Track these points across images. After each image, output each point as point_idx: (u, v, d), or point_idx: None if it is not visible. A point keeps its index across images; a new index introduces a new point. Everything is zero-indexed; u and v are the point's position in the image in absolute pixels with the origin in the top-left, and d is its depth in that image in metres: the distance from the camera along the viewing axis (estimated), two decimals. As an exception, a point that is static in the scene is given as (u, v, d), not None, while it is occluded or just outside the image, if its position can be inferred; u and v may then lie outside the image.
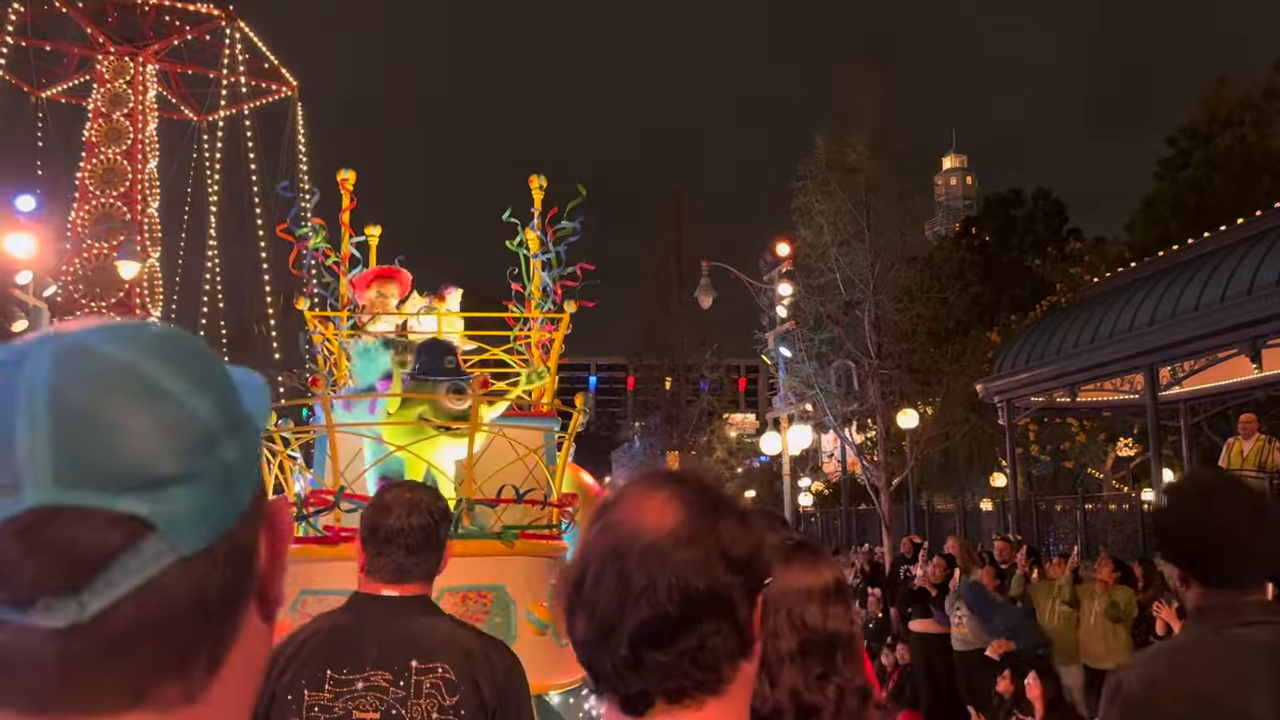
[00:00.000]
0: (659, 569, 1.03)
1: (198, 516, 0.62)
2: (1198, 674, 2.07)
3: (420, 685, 2.30)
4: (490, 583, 5.36)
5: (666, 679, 1.04)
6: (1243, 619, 2.08)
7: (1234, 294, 11.35)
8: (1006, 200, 37.59)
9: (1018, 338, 16.86)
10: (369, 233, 6.93)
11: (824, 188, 16.13)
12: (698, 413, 31.26)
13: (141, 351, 0.63)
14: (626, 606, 1.02)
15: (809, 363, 16.63)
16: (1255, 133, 25.01)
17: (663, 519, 1.06)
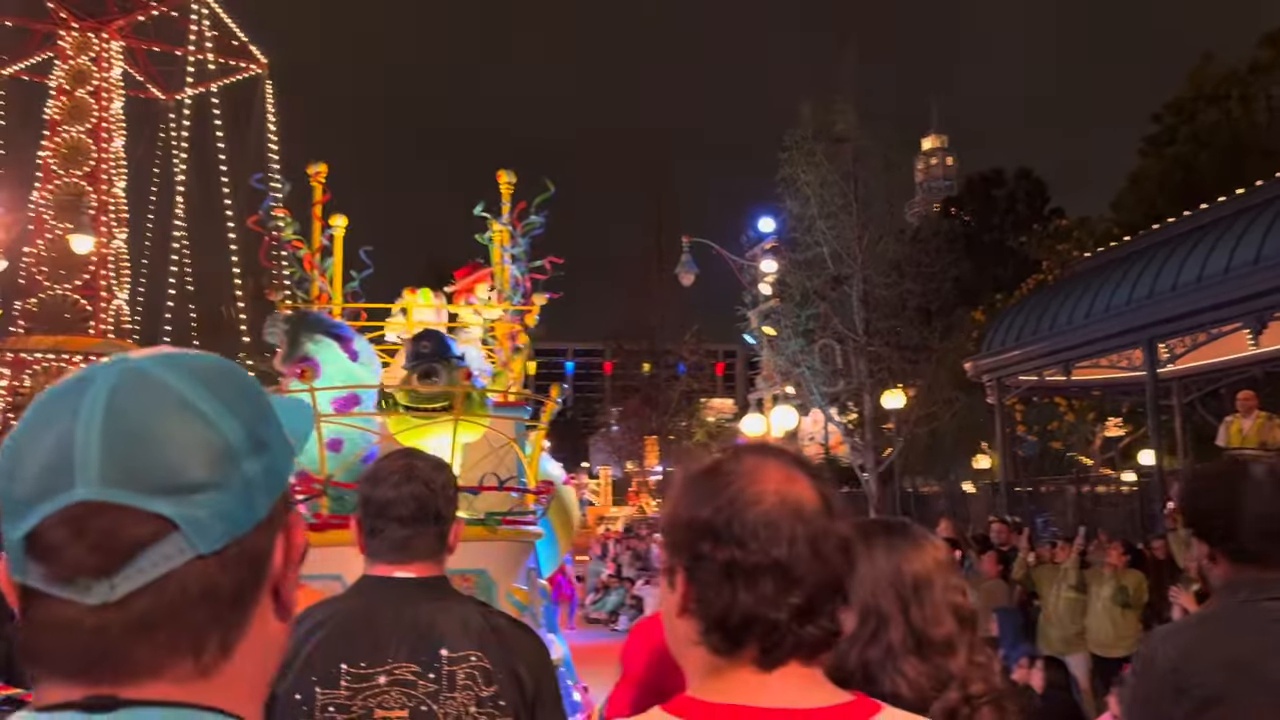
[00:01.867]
0: (835, 536, 1.12)
1: (215, 521, 0.73)
2: (1231, 643, 2.14)
3: (454, 676, 2.07)
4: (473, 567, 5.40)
5: (821, 634, 1.12)
6: (1270, 593, 2.17)
7: (1239, 265, 10.93)
8: (988, 180, 37.29)
9: (1007, 315, 16.41)
10: (334, 223, 6.91)
11: (810, 158, 15.58)
12: (676, 395, 30.73)
13: (188, 378, 0.76)
14: (813, 566, 1.10)
15: (795, 339, 16.10)
16: (1241, 108, 24.66)
17: (811, 493, 1.14)
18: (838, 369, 16.29)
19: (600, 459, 55.40)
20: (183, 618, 0.71)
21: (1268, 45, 25.30)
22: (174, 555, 0.71)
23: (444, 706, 2.06)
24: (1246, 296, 10.73)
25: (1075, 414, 21.28)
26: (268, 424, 0.79)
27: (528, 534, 6.32)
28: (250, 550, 0.75)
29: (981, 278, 28.77)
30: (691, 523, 1.15)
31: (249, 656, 0.76)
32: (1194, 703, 2.11)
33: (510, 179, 7.10)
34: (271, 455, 0.78)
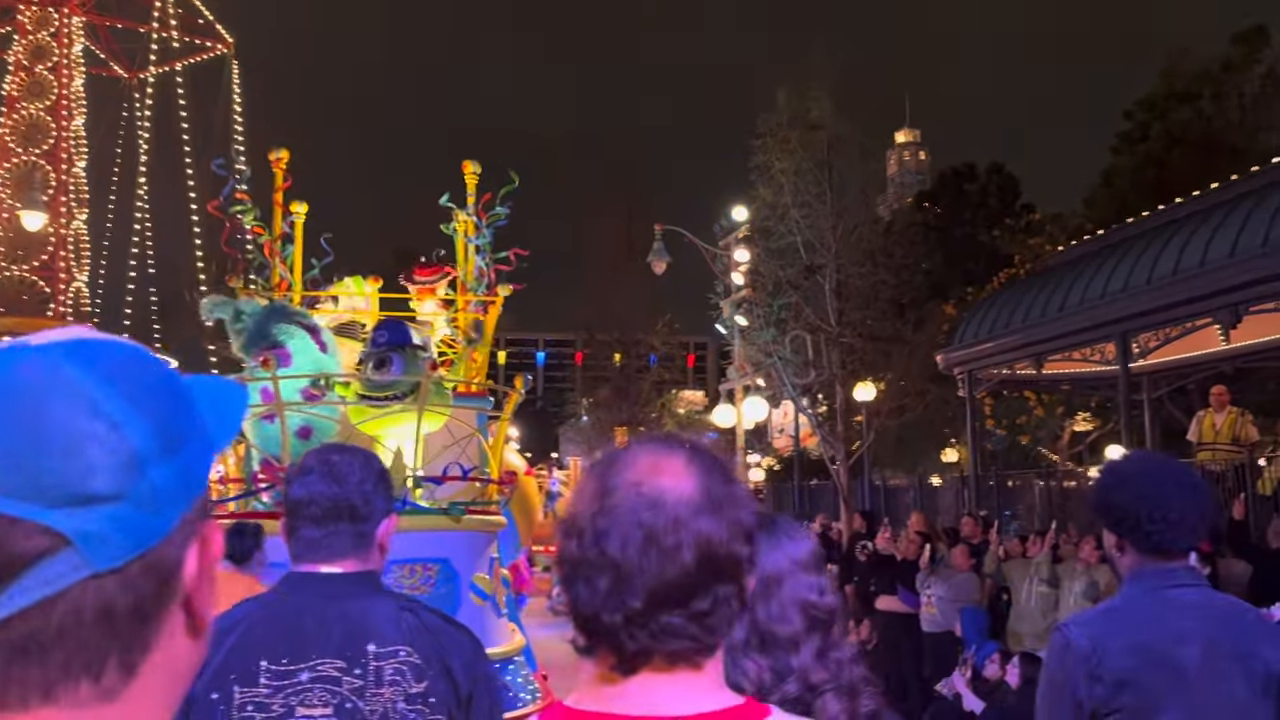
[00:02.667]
0: (686, 531, 1.04)
1: (116, 536, 0.66)
2: (1139, 631, 2.31)
3: (381, 672, 2.00)
4: (436, 556, 5.70)
5: (673, 639, 1.06)
6: (1173, 582, 2.35)
7: (1215, 258, 10.81)
8: (960, 174, 37.29)
9: (980, 307, 16.30)
10: (295, 210, 6.87)
11: (784, 145, 15.37)
12: (647, 386, 30.51)
13: (92, 371, 0.68)
14: (649, 565, 1.04)
15: (767, 329, 15.90)
16: (1214, 106, 24.74)
17: (685, 483, 1.07)
18: (809, 360, 16.11)
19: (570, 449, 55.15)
20: (73, 639, 0.66)
21: (1240, 43, 25.40)
22: (66, 574, 0.64)
23: (370, 703, 1.99)
24: (1222, 290, 10.62)
25: (1044, 408, 21.27)
26: (184, 423, 0.72)
27: (491, 524, 6.59)
28: (157, 564, 0.69)
29: (952, 272, 28.74)
30: (562, 519, 1.13)
31: (156, 675, 0.71)
32: (1106, 687, 2.27)
33: (475, 170, 7.05)
34: (186, 458, 0.71)
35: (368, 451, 2.33)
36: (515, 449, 8.18)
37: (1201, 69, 25.60)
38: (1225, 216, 11.13)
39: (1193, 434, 12.42)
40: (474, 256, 6.93)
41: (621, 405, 30.33)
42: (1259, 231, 10.31)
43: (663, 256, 18.23)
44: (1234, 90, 24.94)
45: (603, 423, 33.42)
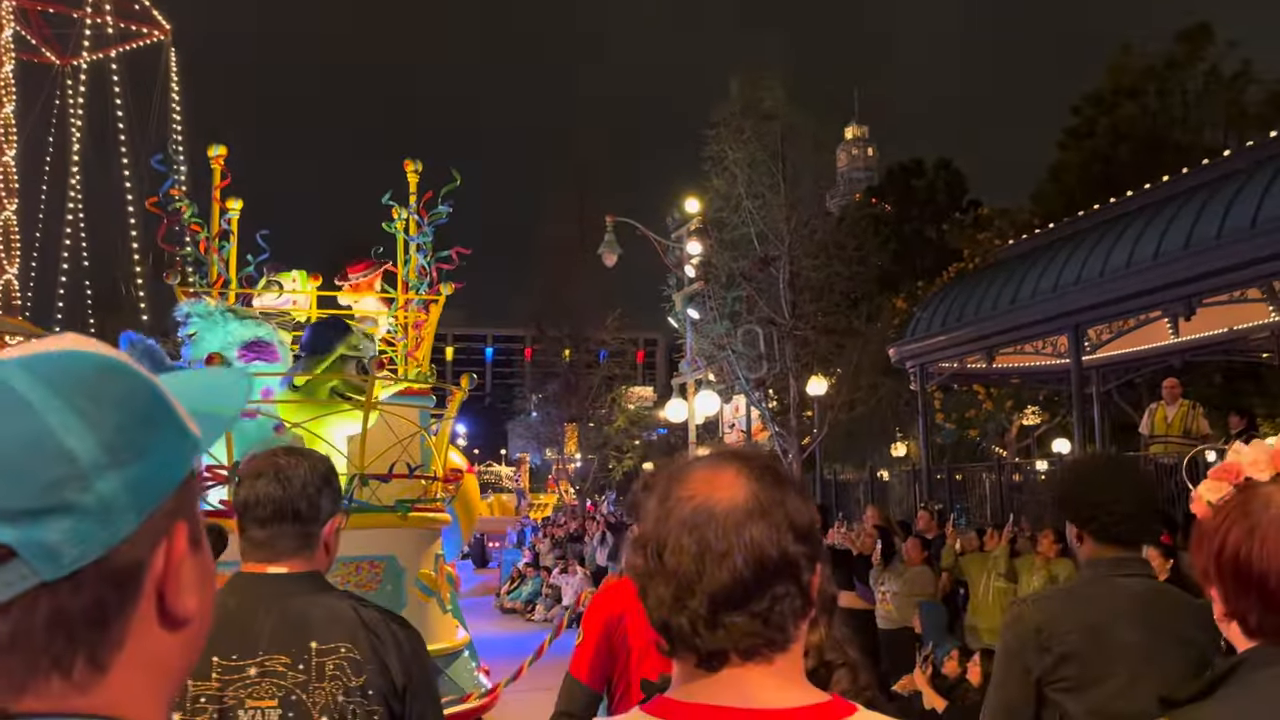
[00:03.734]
0: (736, 538, 1.11)
1: (66, 546, 0.67)
2: (1087, 611, 2.54)
3: (323, 667, 2.12)
4: (382, 553, 5.77)
5: (742, 638, 1.12)
6: (1123, 571, 2.58)
7: (1169, 250, 10.79)
8: (908, 170, 37.51)
9: (931, 301, 16.24)
10: (230, 207, 6.88)
11: (738, 135, 15.14)
12: (597, 380, 30.17)
13: (39, 382, 0.70)
14: (705, 571, 1.11)
15: (720, 322, 15.66)
16: (1159, 102, 25.03)
17: (736, 492, 1.14)
18: (762, 353, 15.91)
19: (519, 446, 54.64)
20: (31, 642, 0.68)
21: (1184, 41, 25.72)
22: (14, 583, 0.67)
23: (313, 696, 2.10)
24: (1176, 282, 10.60)
25: (993, 402, 21.34)
26: (142, 432, 0.73)
27: (436, 521, 6.63)
28: (114, 568, 0.71)
29: (901, 267, 28.83)
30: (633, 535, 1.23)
31: (134, 668, 0.73)
32: (1053, 658, 2.51)
33: (417, 168, 7.06)
34: (146, 464, 0.73)
35: (316, 454, 2.40)
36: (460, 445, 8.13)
37: (1146, 65, 25.89)
38: (1179, 209, 11.12)
39: (1144, 427, 12.40)
40: (415, 255, 6.95)
41: (570, 400, 29.96)
42: (1213, 223, 10.29)
43: (614, 249, 17.92)
44: (1178, 87, 25.26)
45: (552, 418, 33.04)
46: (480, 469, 62.81)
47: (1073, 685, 2.51)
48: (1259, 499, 1.50)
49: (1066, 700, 2.52)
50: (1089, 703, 2.47)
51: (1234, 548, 1.49)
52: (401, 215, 7.11)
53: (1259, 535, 1.46)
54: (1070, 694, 2.51)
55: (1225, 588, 1.51)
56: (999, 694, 2.64)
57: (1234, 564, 1.49)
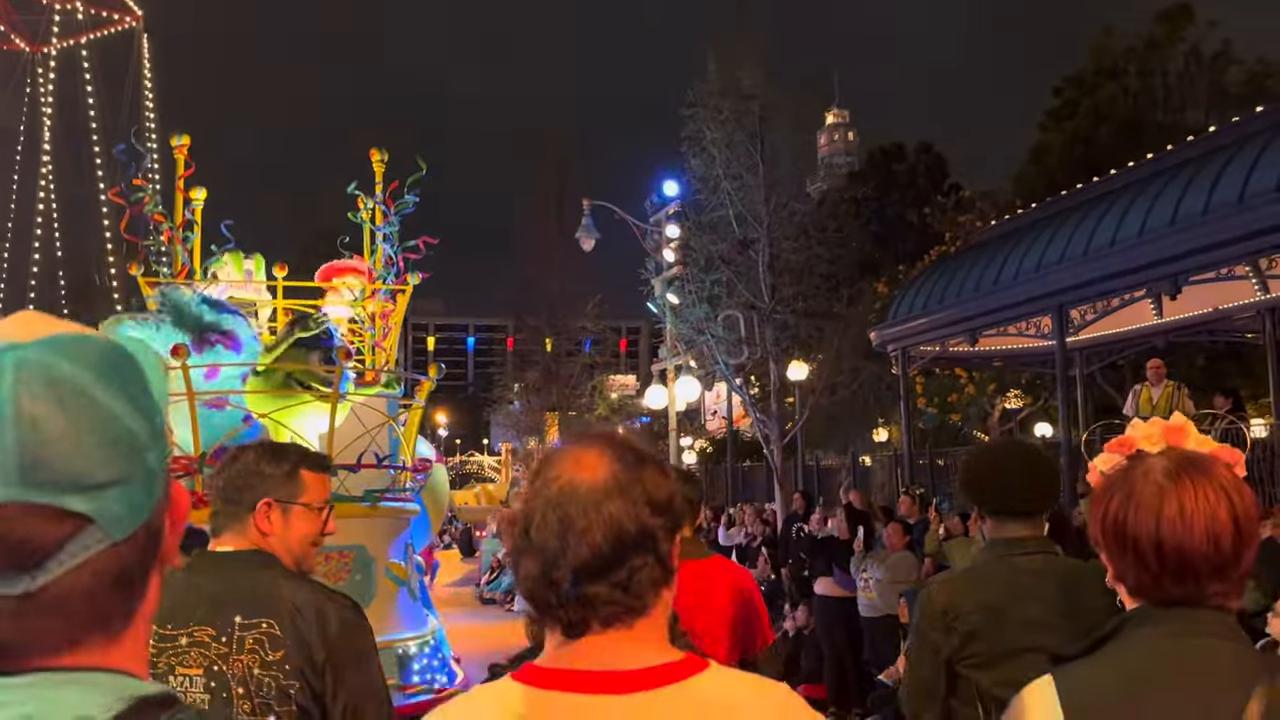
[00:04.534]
0: (595, 514, 1.22)
1: (126, 512, 0.79)
2: (987, 591, 2.68)
3: (242, 640, 2.25)
4: (351, 543, 5.85)
5: (602, 606, 1.22)
6: (1023, 549, 2.71)
7: (1154, 228, 10.58)
8: (888, 154, 37.29)
9: (913, 283, 16.01)
10: (194, 197, 6.86)
11: (716, 115, 14.83)
12: (578, 368, 29.86)
13: (91, 371, 0.78)
14: (569, 546, 1.21)
15: (699, 306, 15.37)
16: (1140, 83, 24.88)
17: (597, 472, 1.25)
18: (742, 338, 15.65)
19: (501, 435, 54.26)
20: (95, 599, 0.79)
21: (1164, 21, 25.57)
22: (91, 545, 0.77)
23: (231, 667, 2.23)
24: (1161, 259, 10.39)
25: (975, 386, 21.15)
26: (154, 404, 0.84)
27: (405, 511, 6.71)
28: (152, 529, 0.83)
29: (882, 251, 28.62)
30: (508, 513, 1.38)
31: (144, 618, 0.85)
32: (959, 637, 2.62)
33: (383, 157, 7.05)
34: (164, 441, 0.84)
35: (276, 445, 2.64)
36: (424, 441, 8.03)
37: (1127, 46, 25.73)
38: (1164, 185, 10.91)
39: (1129, 408, 12.22)
40: (382, 245, 6.92)
41: (552, 389, 29.64)
42: (1199, 199, 10.09)
43: (591, 233, 17.61)
44: (1159, 68, 25.11)
45: (533, 407, 32.74)
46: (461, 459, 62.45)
47: (981, 662, 2.64)
48: (1141, 469, 1.58)
49: (979, 676, 2.65)
50: (998, 677, 2.58)
51: (1114, 514, 1.57)
52: (367, 205, 7.02)
53: (1134, 502, 1.55)
54: (980, 670, 2.64)
55: (1109, 550, 1.61)
56: (913, 674, 2.82)
57: (1114, 529, 1.58)
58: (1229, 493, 1.54)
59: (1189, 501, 1.52)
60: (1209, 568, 1.51)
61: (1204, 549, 1.50)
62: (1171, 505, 1.52)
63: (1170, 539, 1.51)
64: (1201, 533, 1.50)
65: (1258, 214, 9.23)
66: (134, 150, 7.42)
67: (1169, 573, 1.52)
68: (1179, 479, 1.54)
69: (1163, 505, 1.52)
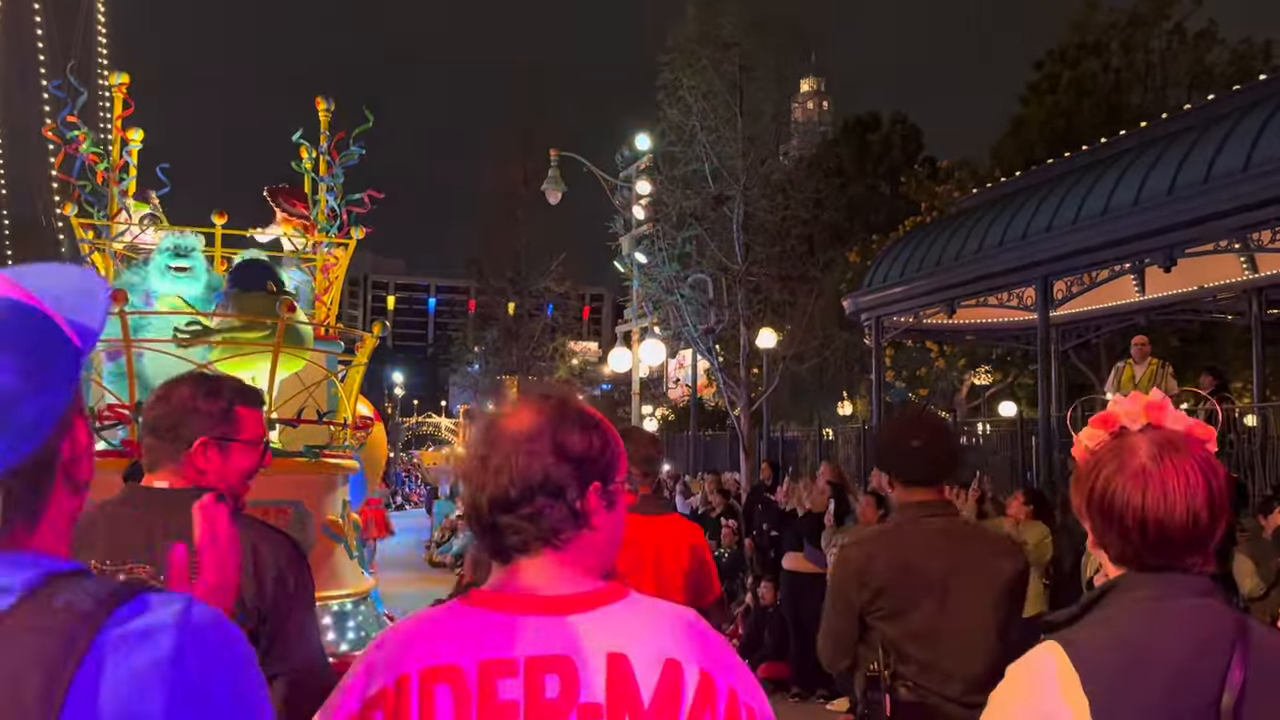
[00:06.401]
0: (508, 459, 1.43)
1: (5, 452, 0.97)
2: (899, 549, 3.01)
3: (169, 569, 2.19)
4: (288, 498, 5.79)
5: (512, 534, 1.43)
6: (929, 511, 3.06)
7: (1150, 196, 10.06)
8: (864, 123, 36.72)
9: (891, 249, 15.45)
10: (130, 137, 6.81)
11: (694, 62, 14.09)
12: (539, 329, 29.11)
13: None
14: (486, 485, 1.44)
15: (670, 264, 14.70)
16: (1123, 58, 24.45)
17: (520, 423, 1.46)
18: (711, 299, 15.03)
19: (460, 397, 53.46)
20: None
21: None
22: None
23: None
24: (1157, 230, 9.88)
25: (945, 360, 20.74)
26: (48, 353, 1.00)
27: (344, 468, 6.63)
28: (38, 461, 1.02)
29: (854, 222, 28.10)
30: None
31: (55, 518, 1.06)
32: (870, 592, 2.95)
33: (329, 107, 7.00)
34: (52, 386, 1.01)
35: (209, 377, 2.61)
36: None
37: (1110, 21, 25.27)
38: (1162, 153, 10.38)
39: (1110, 386, 11.79)
40: (325, 196, 6.90)
41: (512, 348, 28.89)
42: (1199, 168, 9.57)
43: (558, 186, 16.84)
44: (1142, 44, 24.69)
45: (492, 368, 32.00)
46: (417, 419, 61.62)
47: (888, 614, 2.93)
48: (1127, 447, 1.67)
49: (885, 626, 2.93)
50: (903, 628, 2.90)
51: (1101, 488, 1.66)
52: (311, 155, 6.98)
53: (1120, 479, 1.64)
54: (887, 620, 2.93)
55: (1094, 522, 1.70)
56: (828, 624, 3.08)
57: (1100, 502, 1.67)
58: (1206, 472, 1.63)
59: (1172, 480, 1.61)
60: (1188, 541, 1.61)
61: (1185, 525, 1.60)
62: (1156, 484, 1.61)
63: (1154, 515, 1.60)
64: (1183, 510, 1.60)
65: (1264, 183, 8.73)
66: (71, 86, 7.09)
67: (1151, 545, 1.62)
68: (1162, 459, 1.63)
69: (1148, 483, 1.61)
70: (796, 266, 14.79)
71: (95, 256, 6.71)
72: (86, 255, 6.68)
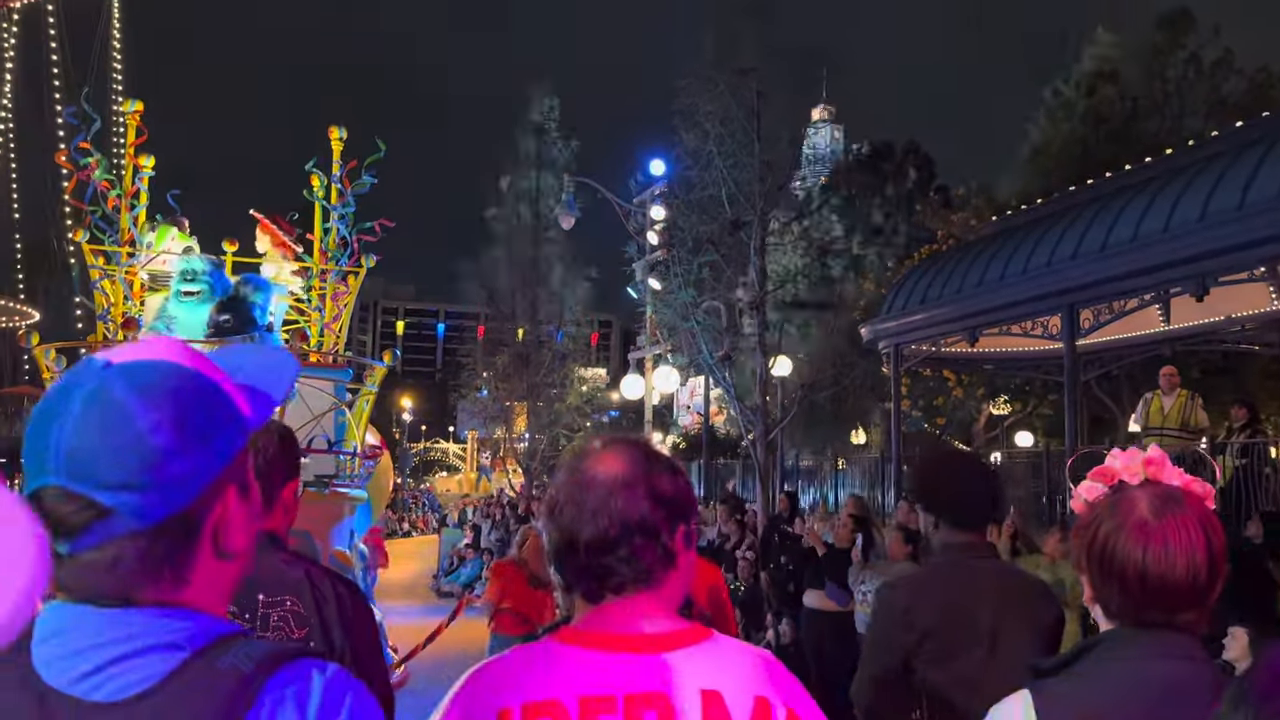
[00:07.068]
0: (605, 502, 1.48)
1: (147, 507, 1.04)
2: (946, 591, 2.93)
3: (267, 618, 2.32)
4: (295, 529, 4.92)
5: (609, 576, 1.48)
6: (974, 554, 3.01)
7: (1181, 223, 9.81)
8: (877, 152, 36.54)
9: (909, 277, 15.21)
10: (142, 164, 6.82)
11: (712, 88, 13.94)
12: (549, 356, 28.88)
13: (139, 395, 1.05)
14: (584, 528, 1.48)
15: (685, 290, 14.47)
16: (1140, 86, 24.26)
17: (614, 467, 1.51)
18: (725, 327, 14.78)
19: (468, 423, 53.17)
20: (126, 565, 1.04)
21: (1165, 26, 24.97)
22: (115, 529, 1.03)
23: None
24: (1188, 258, 9.62)
25: (964, 390, 20.43)
26: (208, 426, 1.08)
27: (352, 498, 6.66)
28: (183, 519, 1.07)
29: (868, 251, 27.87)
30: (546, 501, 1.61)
31: (204, 579, 1.10)
32: (917, 634, 2.86)
33: (341, 135, 7.00)
34: (208, 450, 1.08)
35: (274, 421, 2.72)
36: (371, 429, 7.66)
37: (1127, 51, 25.11)
38: (1193, 178, 10.14)
39: (1138, 418, 11.49)
40: (336, 224, 6.92)
41: (522, 373, 28.65)
42: (1233, 194, 9.32)
43: (571, 210, 16.66)
44: (1158, 73, 24.49)
45: (501, 394, 31.75)
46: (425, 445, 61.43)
47: (935, 658, 2.83)
48: (1126, 502, 1.68)
49: (930, 671, 2.83)
50: (949, 673, 2.80)
51: (1101, 543, 1.67)
52: (323, 183, 6.98)
53: (1121, 534, 1.64)
54: (933, 665, 2.83)
55: (1092, 576, 1.70)
56: (869, 667, 2.98)
57: (1100, 557, 1.67)
58: (1206, 528, 1.62)
59: (1173, 537, 1.60)
60: (1187, 597, 1.60)
61: (1184, 581, 1.59)
62: (1157, 540, 1.61)
63: (1154, 571, 1.60)
64: (1183, 567, 1.59)
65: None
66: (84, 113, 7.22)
67: (1150, 601, 1.61)
68: (1162, 515, 1.63)
69: (1148, 540, 1.61)
70: (813, 293, 14.53)
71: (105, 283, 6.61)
72: (96, 281, 6.61)
